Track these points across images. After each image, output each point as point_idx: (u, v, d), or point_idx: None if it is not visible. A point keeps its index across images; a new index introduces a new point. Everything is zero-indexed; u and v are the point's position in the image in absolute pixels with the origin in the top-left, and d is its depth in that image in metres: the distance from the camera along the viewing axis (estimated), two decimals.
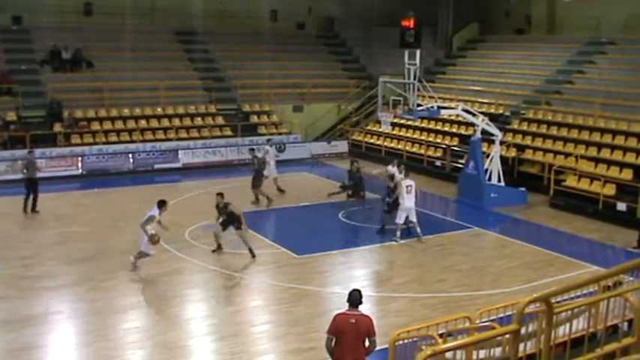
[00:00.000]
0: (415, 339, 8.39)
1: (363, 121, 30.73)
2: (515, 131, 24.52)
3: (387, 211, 17.16)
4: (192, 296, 13.25)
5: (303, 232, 17.88)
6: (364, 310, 8.17)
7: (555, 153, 22.34)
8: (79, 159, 24.03)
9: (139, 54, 28.74)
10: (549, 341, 5.25)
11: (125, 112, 26.90)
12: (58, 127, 24.97)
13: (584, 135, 22.53)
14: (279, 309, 12.53)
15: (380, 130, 26.14)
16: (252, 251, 15.04)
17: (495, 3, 33.83)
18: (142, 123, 26.67)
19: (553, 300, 5.24)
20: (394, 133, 27.33)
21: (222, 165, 25.86)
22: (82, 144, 24.88)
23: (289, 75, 31.00)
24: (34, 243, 16.27)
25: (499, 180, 21.02)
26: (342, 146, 28.96)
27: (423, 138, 26.95)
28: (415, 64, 19.44)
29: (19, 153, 22.97)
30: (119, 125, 26.31)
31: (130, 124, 26.48)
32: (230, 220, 15.07)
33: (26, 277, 13.84)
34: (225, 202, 15.14)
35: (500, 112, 26.04)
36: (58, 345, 11.10)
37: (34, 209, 18.87)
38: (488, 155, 21.15)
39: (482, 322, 8.62)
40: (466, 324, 8.74)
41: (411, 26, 19.51)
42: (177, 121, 27.29)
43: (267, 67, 30.05)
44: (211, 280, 14.05)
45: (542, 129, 23.97)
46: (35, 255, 15.28)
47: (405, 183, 16.59)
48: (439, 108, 21.06)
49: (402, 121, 25.70)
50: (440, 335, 8.06)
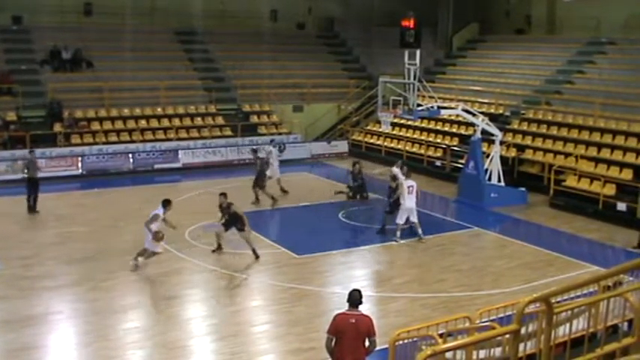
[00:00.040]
0: (415, 339, 8.39)
1: (363, 121, 30.73)
2: (515, 131, 24.52)
3: (389, 212, 17.15)
4: (192, 296, 13.25)
5: (303, 232, 17.89)
6: (364, 310, 8.17)
7: (555, 153, 22.35)
8: (79, 159, 24.02)
9: (139, 54, 28.75)
10: (549, 341, 5.25)
11: (125, 112, 26.90)
12: (58, 127, 24.96)
13: (584, 135, 22.54)
14: (279, 309, 12.53)
15: (380, 130, 26.13)
16: (255, 252, 15.03)
17: (495, 3, 33.84)
18: (142, 123, 26.67)
19: (553, 300, 5.24)
20: (394, 133, 27.33)
21: (222, 165, 25.86)
22: (82, 144, 24.88)
23: (289, 75, 31.00)
24: (34, 243, 16.27)
25: (499, 180, 21.02)
26: (342, 146, 28.95)
27: (423, 138, 26.95)
28: (415, 64, 19.44)
29: (19, 153, 22.99)
30: (119, 125, 26.31)
31: (130, 124, 26.47)
32: (232, 221, 15.05)
33: (26, 277, 13.84)
34: (229, 202, 15.13)
35: (500, 112, 26.04)
36: (58, 345, 11.10)
37: (34, 210, 18.84)
38: (488, 155, 21.15)
39: (482, 322, 8.62)
40: (466, 324, 8.74)
41: (411, 26, 19.51)
42: (177, 121, 27.29)
43: (267, 67, 30.05)
44: (211, 280, 14.05)
45: (542, 129, 23.97)
46: (35, 255, 15.28)
47: (407, 183, 16.58)
48: (439, 108, 21.06)
49: (402, 121, 25.70)
50: (440, 335, 8.06)
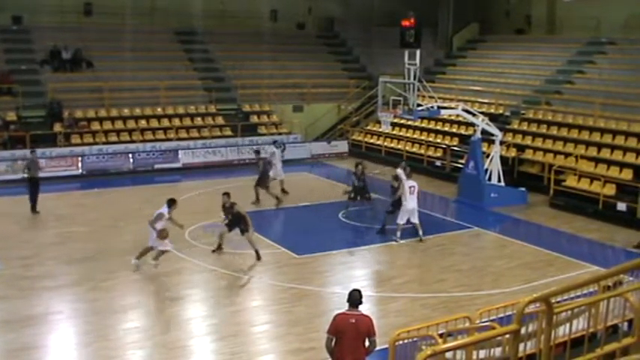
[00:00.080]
0: (415, 339, 8.39)
1: (363, 121, 30.72)
2: (515, 131, 24.51)
3: (390, 212, 17.12)
4: (193, 296, 13.25)
5: (303, 232, 17.90)
6: (364, 310, 8.17)
7: (555, 153, 22.35)
8: (79, 159, 24.02)
9: (139, 54, 28.74)
10: (549, 341, 5.25)
11: (125, 112, 26.90)
12: (58, 127, 24.96)
13: (584, 135, 22.54)
14: (279, 309, 12.53)
15: (380, 130, 26.13)
16: (258, 253, 15.01)
17: (495, 3, 33.84)
18: (142, 123, 26.66)
19: (553, 300, 5.24)
20: (394, 133, 27.32)
21: (222, 165, 25.86)
22: (82, 144, 24.87)
23: (289, 75, 31.00)
24: (34, 243, 16.27)
25: (499, 180, 21.02)
26: (342, 146, 28.95)
27: (423, 138, 26.94)
28: (415, 64, 19.43)
29: (19, 153, 23.01)
30: (119, 125, 26.31)
31: (130, 124, 26.47)
32: (236, 221, 15.05)
33: (26, 277, 13.84)
34: (232, 202, 15.13)
35: (500, 112, 26.04)
36: (58, 345, 11.10)
37: (34, 210, 18.83)
38: (488, 155, 21.15)
39: (482, 322, 8.62)
40: (466, 324, 8.74)
41: (411, 26, 19.51)
42: (177, 121, 27.29)
43: (267, 67, 30.05)
44: (211, 280, 14.04)
45: (542, 129, 23.97)
46: (35, 255, 15.28)
47: (409, 184, 16.56)
48: (439, 108, 21.06)
49: (402, 121, 25.70)
50: (440, 335, 8.06)
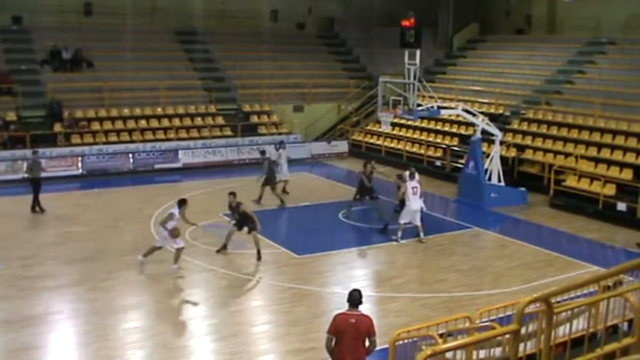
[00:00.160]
0: (415, 339, 8.39)
1: (363, 121, 30.72)
2: (515, 131, 24.51)
3: (398, 211, 17.08)
4: (192, 296, 13.26)
5: (303, 232, 17.90)
6: (364, 310, 8.17)
7: (555, 153, 22.34)
8: (79, 159, 24.01)
9: (139, 54, 28.73)
10: (549, 341, 5.25)
11: (125, 112, 26.89)
12: (58, 127, 24.95)
13: (584, 135, 22.53)
14: (279, 309, 12.53)
15: (380, 130, 26.12)
16: (259, 253, 15.01)
17: (495, 3, 33.84)
18: (142, 123, 26.66)
19: (553, 300, 5.23)
20: (394, 133, 27.32)
21: (222, 165, 25.85)
22: (82, 144, 24.86)
23: (289, 75, 31.00)
24: (34, 243, 16.27)
25: (499, 180, 21.02)
26: (342, 146, 28.94)
27: (423, 138, 26.94)
28: (415, 64, 19.43)
29: (19, 153, 23.02)
30: (119, 125, 26.30)
31: (130, 124, 26.46)
32: (243, 221, 15.08)
33: (26, 277, 13.84)
34: (238, 201, 15.15)
35: (500, 112, 26.03)
36: (58, 345, 11.10)
37: (34, 209, 18.86)
38: (488, 155, 21.15)
39: (483, 322, 8.62)
40: (466, 324, 8.74)
41: (411, 26, 19.51)
42: (177, 121, 27.28)
43: (267, 67, 30.04)
44: (211, 280, 14.04)
45: (542, 129, 23.96)
46: (35, 255, 15.28)
47: (411, 184, 16.57)
48: (439, 108, 21.05)
49: (402, 121, 25.69)
50: (440, 335, 8.06)
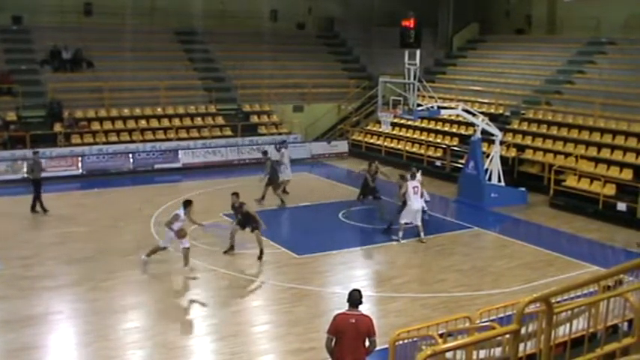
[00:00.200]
0: (415, 339, 8.39)
1: (363, 121, 30.72)
2: (515, 131, 24.51)
3: (401, 211, 17.08)
4: (192, 296, 13.26)
5: (303, 232, 17.90)
6: (364, 310, 8.16)
7: (555, 153, 22.34)
8: (79, 159, 24.01)
9: (139, 54, 28.74)
10: (549, 341, 5.25)
11: (125, 112, 26.89)
12: (58, 127, 24.95)
13: (584, 135, 22.53)
14: (279, 309, 12.53)
15: (380, 130, 26.12)
16: (262, 252, 15.00)
17: (495, 3, 33.84)
18: (142, 123, 26.66)
19: (553, 300, 5.23)
20: (394, 133, 27.32)
21: (222, 165, 25.85)
22: (82, 144, 24.87)
23: (289, 75, 31.00)
24: (34, 243, 16.27)
25: (499, 180, 21.02)
26: (342, 146, 28.94)
27: (423, 138, 26.94)
28: (415, 64, 19.43)
29: (19, 153, 23.02)
30: (119, 125, 26.30)
31: (130, 124, 26.46)
32: (246, 220, 15.08)
33: (26, 277, 13.84)
34: (240, 201, 15.15)
35: (500, 112, 26.03)
36: (58, 345, 11.10)
37: (34, 209, 18.87)
38: (488, 155, 21.15)
39: (483, 322, 8.62)
40: (466, 324, 8.74)
41: (411, 26, 19.48)
42: (177, 121, 27.28)
43: (267, 67, 30.04)
44: (211, 280, 14.04)
45: (542, 129, 23.96)
46: (35, 255, 15.28)
47: (412, 184, 16.57)
48: (439, 108, 21.06)
49: (402, 121, 25.69)
50: (440, 335, 8.06)
